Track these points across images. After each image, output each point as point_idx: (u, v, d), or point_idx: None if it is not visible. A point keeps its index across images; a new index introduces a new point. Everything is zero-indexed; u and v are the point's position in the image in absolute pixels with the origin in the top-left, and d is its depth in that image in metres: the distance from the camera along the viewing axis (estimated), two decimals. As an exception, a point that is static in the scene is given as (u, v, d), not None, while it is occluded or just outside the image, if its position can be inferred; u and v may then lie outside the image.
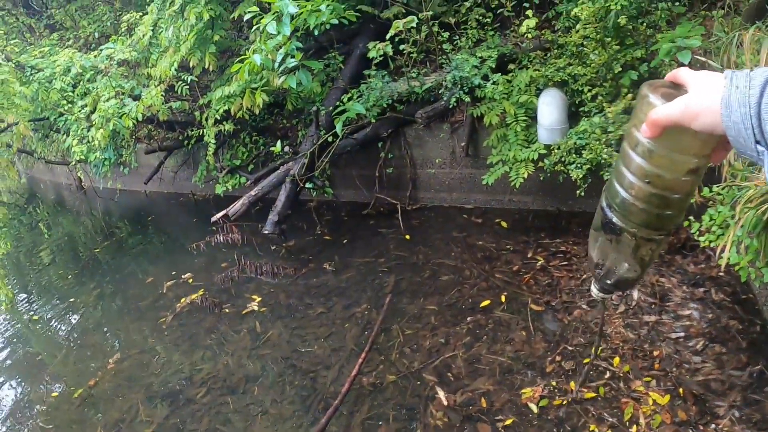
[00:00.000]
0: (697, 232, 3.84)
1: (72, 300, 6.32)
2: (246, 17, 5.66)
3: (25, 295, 6.86)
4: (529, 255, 5.04)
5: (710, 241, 3.70)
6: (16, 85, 7.53)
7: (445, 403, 3.63)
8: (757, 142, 0.75)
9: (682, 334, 3.95)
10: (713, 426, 3.23)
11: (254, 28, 5.63)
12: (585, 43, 5.31)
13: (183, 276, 6.04)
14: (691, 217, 3.91)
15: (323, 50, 6.90)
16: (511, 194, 5.88)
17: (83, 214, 10.43)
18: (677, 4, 5.72)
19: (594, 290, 1.17)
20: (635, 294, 4.39)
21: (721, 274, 4.23)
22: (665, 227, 0.99)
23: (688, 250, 4.67)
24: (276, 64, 5.46)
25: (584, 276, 4.67)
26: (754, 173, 3.59)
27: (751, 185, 3.48)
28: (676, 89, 0.87)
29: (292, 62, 5.43)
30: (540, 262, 4.90)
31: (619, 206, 0.98)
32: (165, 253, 7.31)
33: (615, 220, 1.00)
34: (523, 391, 3.62)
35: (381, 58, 5.73)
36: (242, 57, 5.60)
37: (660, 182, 0.91)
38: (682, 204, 0.95)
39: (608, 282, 1.11)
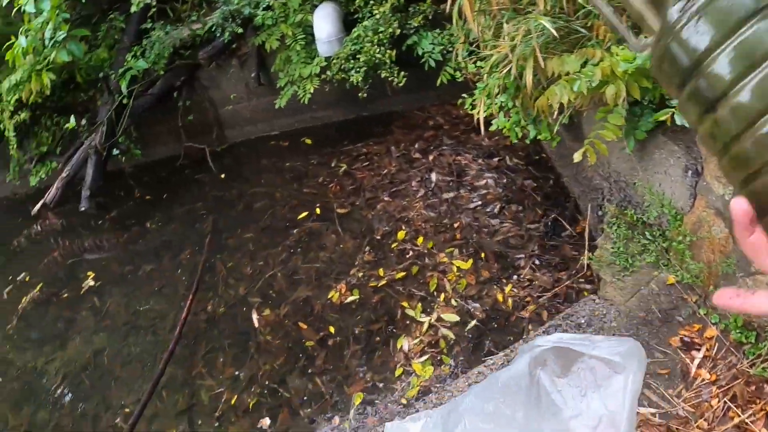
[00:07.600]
0: (470, 107, 4.04)
1: None
2: (4, 3, 5.43)
3: None
4: (333, 164, 5.34)
5: (483, 112, 3.90)
6: None
7: (273, 318, 4.00)
8: None
9: (480, 202, 4.39)
10: (515, 277, 3.68)
11: (15, 9, 5.38)
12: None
13: (19, 277, 5.91)
14: (464, 95, 4.20)
15: (104, 14, 6.63)
16: (312, 111, 6.00)
17: None
18: None
19: None
20: (433, 177, 4.83)
21: (515, 142, 4.21)
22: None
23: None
24: (48, 41, 5.31)
25: (385, 171, 5.07)
26: (500, 41, 3.87)
27: (494, 52, 3.79)
28: None
29: (60, 35, 5.28)
30: (343, 169, 5.22)
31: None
32: (-3, 260, 7.02)
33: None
34: (331, 293, 3.99)
35: (155, 9, 5.65)
36: (10, 42, 5.41)
37: None
38: None
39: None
